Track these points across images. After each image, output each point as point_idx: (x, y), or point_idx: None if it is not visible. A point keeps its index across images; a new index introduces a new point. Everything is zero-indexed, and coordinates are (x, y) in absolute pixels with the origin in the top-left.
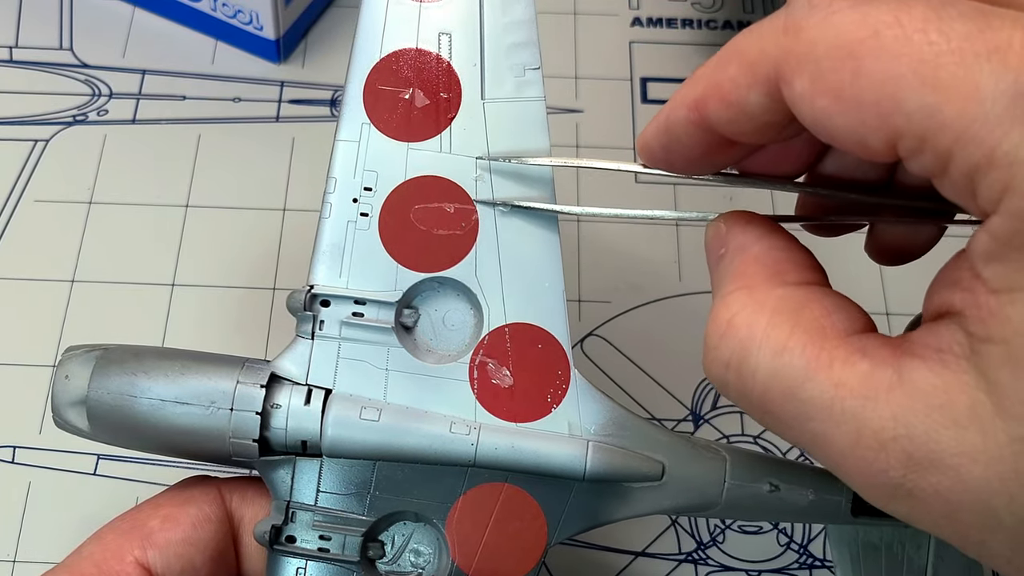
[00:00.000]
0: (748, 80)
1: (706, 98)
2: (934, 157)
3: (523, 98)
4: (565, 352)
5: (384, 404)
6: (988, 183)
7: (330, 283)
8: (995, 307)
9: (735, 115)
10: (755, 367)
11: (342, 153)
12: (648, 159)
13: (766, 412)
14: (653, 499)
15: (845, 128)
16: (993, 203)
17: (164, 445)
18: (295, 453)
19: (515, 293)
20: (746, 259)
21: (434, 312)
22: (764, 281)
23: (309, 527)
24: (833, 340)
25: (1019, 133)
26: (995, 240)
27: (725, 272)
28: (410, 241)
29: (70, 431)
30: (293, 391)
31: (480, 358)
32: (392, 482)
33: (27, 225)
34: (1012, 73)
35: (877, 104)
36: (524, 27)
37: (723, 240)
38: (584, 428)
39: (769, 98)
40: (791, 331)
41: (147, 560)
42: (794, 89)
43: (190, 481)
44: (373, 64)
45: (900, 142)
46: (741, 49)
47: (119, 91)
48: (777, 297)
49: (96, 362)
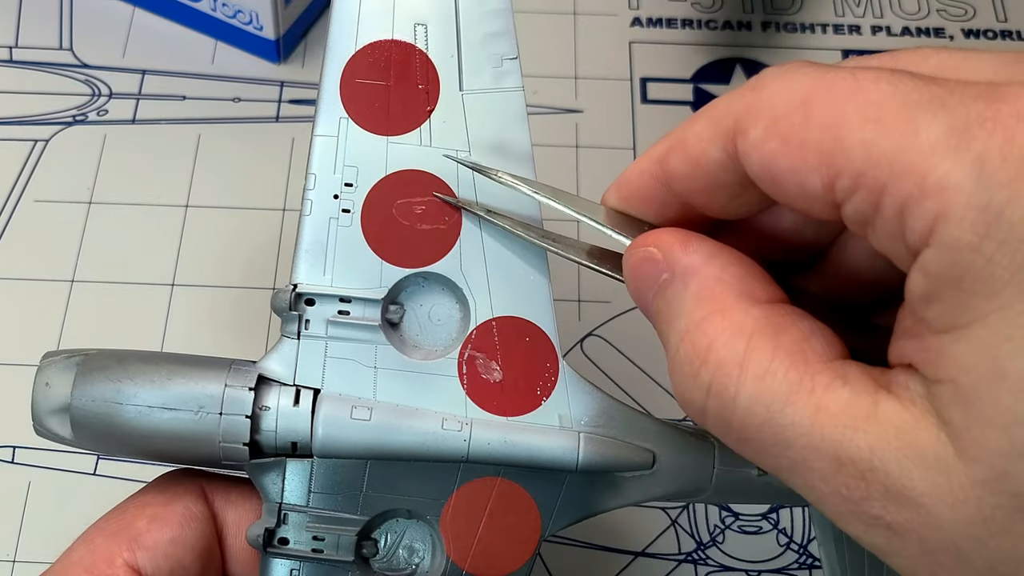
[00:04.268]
0: (710, 133)
1: (671, 151)
2: (867, 194)
3: (502, 88)
4: (553, 344)
5: (374, 402)
6: (920, 214)
7: (314, 281)
8: (941, 348)
9: (692, 170)
10: (736, 392)
11: (320, 149)
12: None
13: (744, 439)
14: (644, 487)
15: (788, 170)
16: (924, 236)
17: (152, 451)
18: (285, 454)
19: (501, 286)
20: (705, 282)
21: (420, 308)
22: (735, 303)
23: (302, 528)
24: (815, 365)
25: (952, 162)
26: (930, 279)
27: (680, 298)
28: (393, 237)
29: (52, 439)
30: (282, 392)
31: (468, 353)
32: (384, 480)
33: (27, 225)
34: (949, 111)
35: (820, 143)
36: (500, 16)
37: (660, 265)
38: (575, 420)
39: (725, 153)
40: (773, 354)
41: (136, 562)
42: (748, 138)
43: (172, 477)
44: (349, 57)
45: (838, 181)
46: (712, 108)
47: (119, 91)
48: (754, 318)
49: (78, 368)
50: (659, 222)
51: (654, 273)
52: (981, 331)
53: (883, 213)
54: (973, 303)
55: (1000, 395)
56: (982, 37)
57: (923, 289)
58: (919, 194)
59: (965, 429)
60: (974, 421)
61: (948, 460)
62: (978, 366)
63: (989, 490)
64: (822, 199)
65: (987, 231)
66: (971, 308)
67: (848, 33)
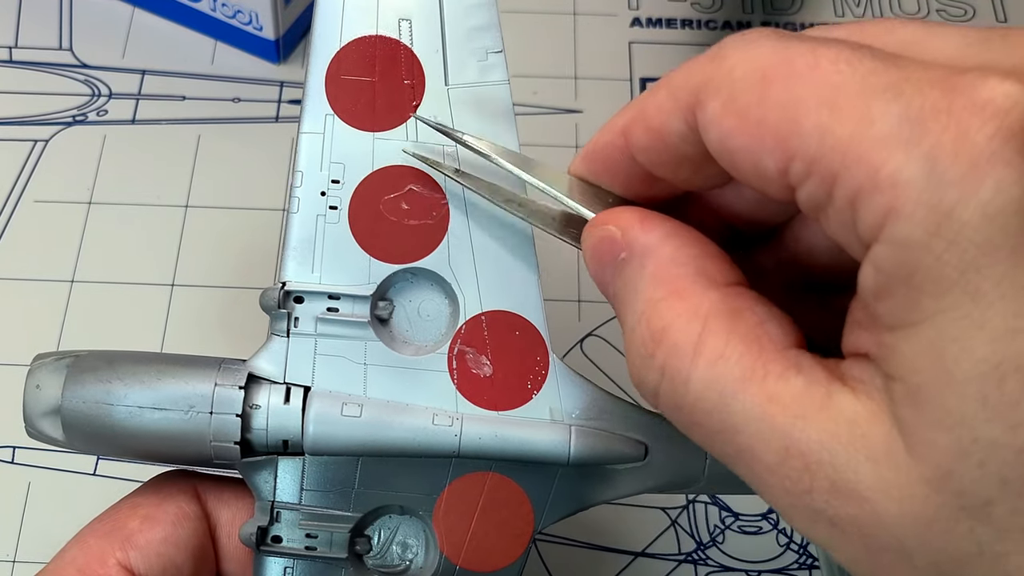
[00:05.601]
0: (671, 105)
1: (633, 123)
2: (820, 181)
3: (487, 82)
4: (543, 338)
5: (365, 399)
6: (870, 207)
7: (303, 279)
8: (893, 344)
9: (654, 142)
10: (688, 375)
11: (307, 146)
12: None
13: (695, 423)
14: (637, 479)
15: (744, 149)
16: (874, 230)
17: (143, 452)
18: (277, 453)
19: (490, 281)
20: (661, 262)
21: (409, 303)
22: (691, 284)
23: (295, 526)
24: (769, 352)
25: (904, 156)
26: (881, 273)
27: (637, 278)
28: (381, 233)
29: (43, 441)
30: (272, 390)
31: (458, 347)
32: (376, 476)
33: (27, 225)
34: (904, 100)
35: (776, 124)
36: (484, 10)
37: (618, 244)
38: (566, 413)
39: (686, 125)
40: (727, 339)
41: (129, 562)
42: (707, 112)
43: (165, 477)
44: (334, 53)
45: (791, 165)
46: (672, 78)
47: (119, 91)
48: (711, 301)
49: (68, 370)
50: (626, 193)
51: (612, 252)
52: (929, 331)
53: (835, 202)
54: (922, 302)
55: (946, 396)
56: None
57: (874, 283)
58: (871, 187)
59: (915, 427)
60: (923, 421)
61: (898, 456)
62: (926, 367)
63: (935, 488)
64: (776, 181)
65: (937, 229)
66: (920, 307)
67: None
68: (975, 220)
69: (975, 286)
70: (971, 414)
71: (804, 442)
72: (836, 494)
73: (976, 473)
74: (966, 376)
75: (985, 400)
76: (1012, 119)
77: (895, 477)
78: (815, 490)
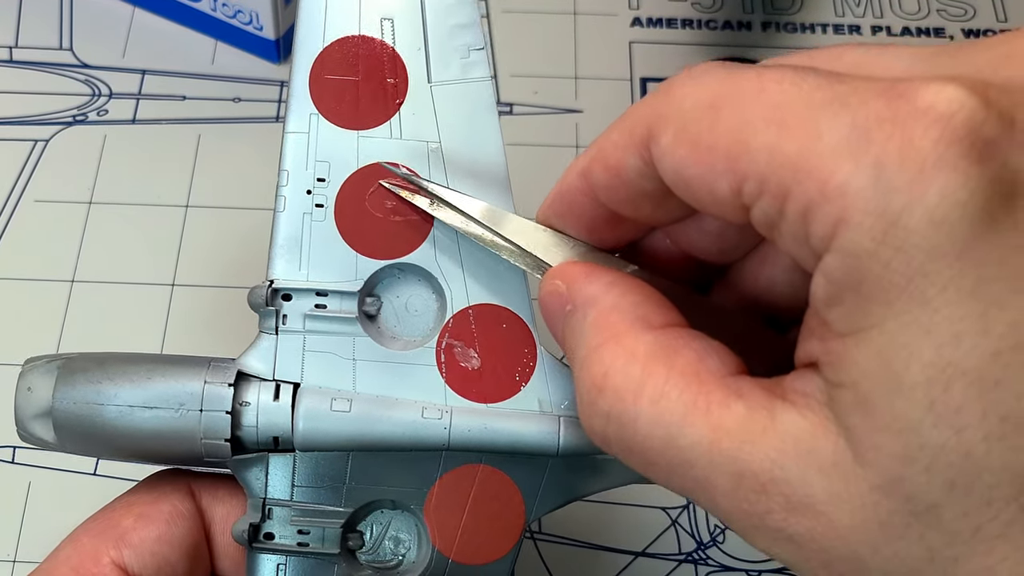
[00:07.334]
0: (625, 141)
1: (592, 163)
2: (772, 198)
3: (469, 79)
4: (530, 330)
5: (354, 394)
6: (821, 218)
7: (290, 277)
8: (843, 351)
9: (612, 179)
10: (635, 416)
11: (292, 145)
12: (544, 221)
13: (649, 463)
14: (627, 470)
15: (698, 177)
16: (825, 240)
17: (134, 451)
18: (267, 450)
19: (476, 274)
20: (602, 310)
21: (396, 299)
22: (629, 329)
23: (287, 523)
24: (709, 384)
25: (852, 166)
26: (831, 283)
27: (581, 328)
28: (367, 229)
29: (36, 444)
30: (261, 387)
31: (446, 341)
32: (367, 472)
33: (27, 225)
34: (850, 111)
35: (727, 149)
36: (465, 7)
37: (564, 297)
38: (555, 404)
39: (641, 160)
40: (667, 377)
41: (123, 560)
42: (660, 144)
43: (160, 476)
44: (317, 53)
45: (744, 186)
46: (626, 116)
47: (119, 91)
48: (647, 344)
49: (59, 372)
50: (591, 237)
51: (559, 305)
52: (879, 337)
53: (787, 217)
54: (871, 308)
55: (895, 401)
56: (982, 37)
57: (825, 292)
58: (820, 198)
59: (863, 434)
60: (871, 426)
61: (846, 466)
62: (876, 372)
63: (884, 495)
64: (731, 203)
65: (884, 237)
66: (870, 313)
67: (848, 33)
68: (921, 226)
69: (922, 292)
70: (918, 419)
71: (755, 464)
72: (792, 511)
73: (923, 478)
74: (913, 381)
75: (932, 405)
76: (956, 123)
77: (845, 487)
78: (772, 510)
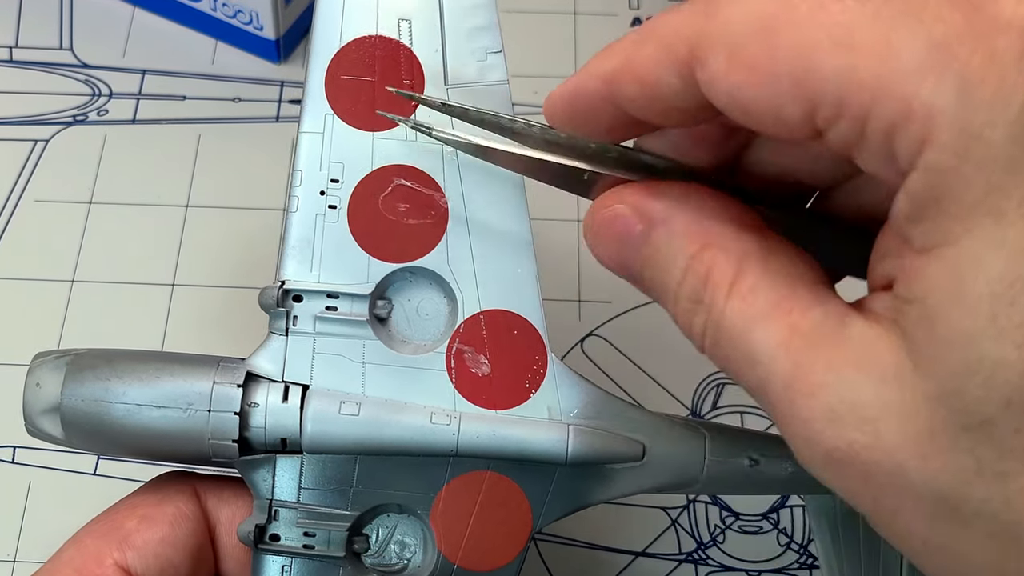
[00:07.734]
0: (662, 58)
1: (620, 74)
2: (851, 121)
3: (486, 82)
4: (541, 337)
5: (363, 397)
6: (906, 138)
7: (302, 278)
8: (919, 267)
9: (647, 96)
10: (723, 309)
11: (307, 145)
12: (551, 121)
13: (726, 357)
14: (635, 479)
15: (761, 103)
16: (911, 159)
17: (141, 449)
18: (275, 451)
19: (488, 280)
20: (688, 219)
21: (407, 302)
22: (723, 231)
23: (293, 525)
24: (799, 287)
25: (934, 83)
26: (913, 200)
27: (670, 240)
28: (380, 232)
29: (43, 439)
30: (270, 389)
31: (457, 346)
32: (374, 475)
33: (27, 225)
34: (925, 27)
35: (793, 73)
36: (483, 10)
37: (630, 219)
38: (564, 412)
39: (683, 81)
40: (761, 274)
41: (126, 562)
42: (708, 69)
43: (165, 478)
44: (333, 53)
45: (818, 111)
46: (659, 29)
47: (119, 91)
48: (744, 243)
49: (67, 368)
50: (606, 138)
51: (626, 228)
52: (953, 252)
53: (869, 138)
54: (950, 225)
55: (958, 315)
56: None
57: (908, 209)
58: (903, 119)
59: (925, 346)
60: (932, 339)
61: (905, 376)
62: (945, 286)
63: (939, 405)
64: (801, 127)
65: (966, 153)
66: (948, 230)
67: None
68: (1002, 140)
69: (998, 206)
70: (979, 332)
71: (810, 366)
72: (835, 420)
73: (980, 392)
74: (979, 294)
75: (995, 319)
76: None
77: (900, 396)
78: (815, 418)
